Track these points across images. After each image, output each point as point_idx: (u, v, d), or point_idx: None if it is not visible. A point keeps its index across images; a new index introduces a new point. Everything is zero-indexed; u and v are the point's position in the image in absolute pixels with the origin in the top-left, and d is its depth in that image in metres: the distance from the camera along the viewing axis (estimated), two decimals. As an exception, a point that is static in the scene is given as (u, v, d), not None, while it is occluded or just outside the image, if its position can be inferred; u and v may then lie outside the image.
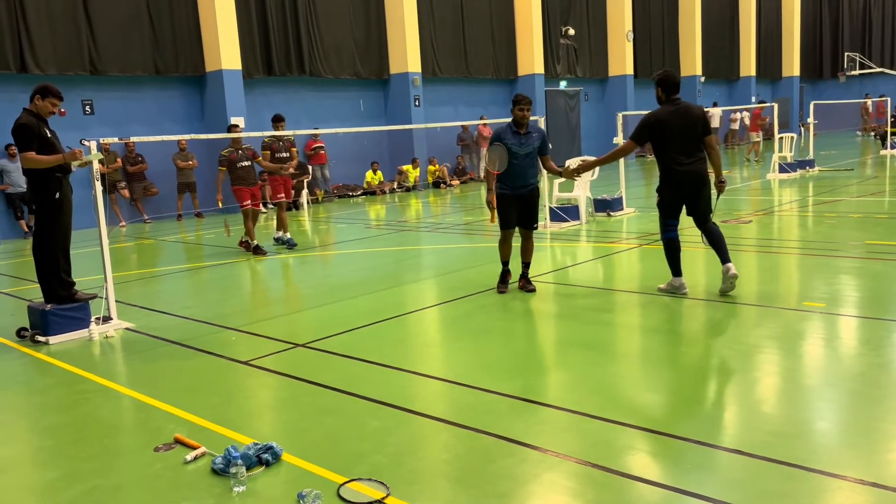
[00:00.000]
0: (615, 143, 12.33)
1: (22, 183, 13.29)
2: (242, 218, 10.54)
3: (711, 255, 6.43)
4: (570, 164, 12.10)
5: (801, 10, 36.67)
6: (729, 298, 6.24)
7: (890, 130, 21.71)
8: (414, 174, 19.85)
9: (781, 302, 6.08)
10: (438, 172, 20.40)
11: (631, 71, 27.08)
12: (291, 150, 11.05)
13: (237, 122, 16.23)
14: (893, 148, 21.24)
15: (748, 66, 33.67)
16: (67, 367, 5.53)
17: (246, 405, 4.70)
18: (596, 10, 26.35)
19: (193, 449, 3.77)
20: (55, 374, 5.44)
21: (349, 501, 3.19)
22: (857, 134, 32.28)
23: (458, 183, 20.61)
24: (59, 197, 6.31)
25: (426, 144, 20.57)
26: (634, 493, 3.17)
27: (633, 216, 11.89)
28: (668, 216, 6.47)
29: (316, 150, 18.12)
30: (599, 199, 12.24)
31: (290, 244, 10.77)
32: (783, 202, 12.85)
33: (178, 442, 3.91)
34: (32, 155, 6.16)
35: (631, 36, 26.83)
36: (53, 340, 6.19)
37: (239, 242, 10.73)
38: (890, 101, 24.09)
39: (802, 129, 26.09)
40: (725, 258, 6.28)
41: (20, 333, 6.43)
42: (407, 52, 19.76)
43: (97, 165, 6.43)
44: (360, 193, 19.17)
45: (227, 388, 4.95)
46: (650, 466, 3.42)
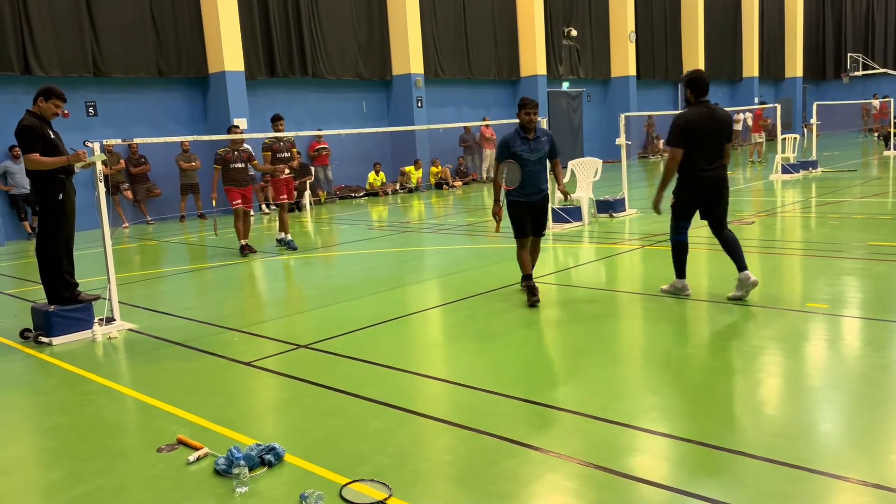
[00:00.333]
0: (617, 143, 12.33)
1: (25, 184, 13.31)
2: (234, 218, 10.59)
3: (712, 256, 6.43)
4: (572, 164, 12.17)
5: (803, 10, 36.59)
6: (731, 300, 6.23)
7: (893, 132, 21.64)
8: (416, 175, 19.86)
9: (784, 303, 6.07)
10: (441, 174, 20.41)
11: (633, 72, 27.05)
12: (292, 150, 11.05)
13: (240, 123, 16.28)
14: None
15: (751, 66, 33.61)
16: (70, 367, 5.54)
17: (248, 406, 4.71)
18: (598, 10, 26.33)
19: (196, 450, 3.78)
20: (58, 374, 5.45)
21: (351, 502, 3.20)
22: (862, 135, 32.20)
23: (460, 184, 20.62)
24: (62, 198, 6.32)
25: (428, 146, 20.58)
26: (636, 494, 3.17)
27: (635, 217, 11.88)
28: (681, 219, 6.35)
29: (319, 151, 18.14)
30: (602, 200, 12.24)
31: (290, 246, 10.76)
32: (786, 203, 12.83)
33: (180, 443, 3.92)
34: (36, 156, 6.17)
35: (633, 37, 26.82)
36: (57, 341, 6.20)
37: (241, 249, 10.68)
38: (893, 101, 24.02)
39: (805, 129, 26.06)
40: (742, 265, 6.15)
41: (24, 334, 6.44)
42: (409, 53, 19.77)
43: (100, 167, 6.44)
44: (362, 195, 19.18)
45: (229, 388, 4.96)
46: (652, 467, 3.42)
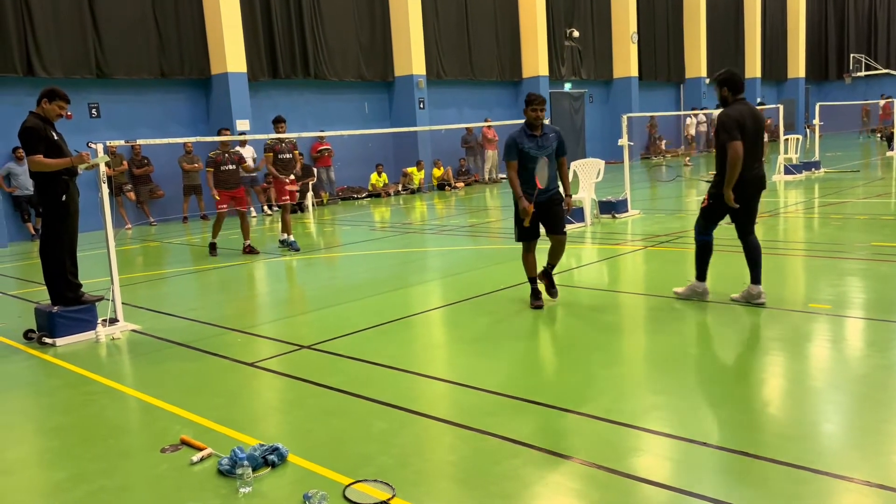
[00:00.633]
0: (620, 144, 12.32)
1: (29, 186, 13.34)
2: (228, 218, 10.96)
3: (714, 256, 6.38)
4: (574, 165, 12.15)
5: (806, 11, 36.56)
6: (733, 301, 6.23)
7: None
8: (418, 176, 19.87)
9: (787, 304, 6.06)
10: (443, 175, 20.41)
11: (636, 73, 27.05)
12: (294, 152, 11.07)
13: (242, 124, 16.34)
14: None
15: (753, 67, 33.57)
16: (74, 368, 5.55)
17: (251, 406, 4.71)
18: (600, 11, 26.34)
19: (199, 450, 3.79)
20: (62, 375, 5.46)
21: (355, 502, 3.20)
22: (862, 136, 32.15)
23: (462, 185, 20.61)
24: (65, 199, 6.33)
25: (430, 147, 20.59)
26: (640, 494, 3.17)
27: (637, 218, 11.88)
28: (712, 220, 6.16)
29: (322, 152, 18.15)
30: (604, 200, 12.23)
31: (293, 247, 10.77)
32: (789, 204, 12.82)
33: (184, 443, 3.93)
34: (40, 158, 6.18)
35: (636, 38, 26.82)
36: (60, 342, 6.21)
37: (244, 250, 10.73)
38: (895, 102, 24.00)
39: (808, 130, 26.01)
40: (757, 279, 6.03)
41: (27, 335, 6.45)
42: (411, 54, 19.79)
43: (104, 168, 6.45)
44: (364, 196, 19.19)
45: (232, 389, 4.96)
46: (655, 468, 3.42)
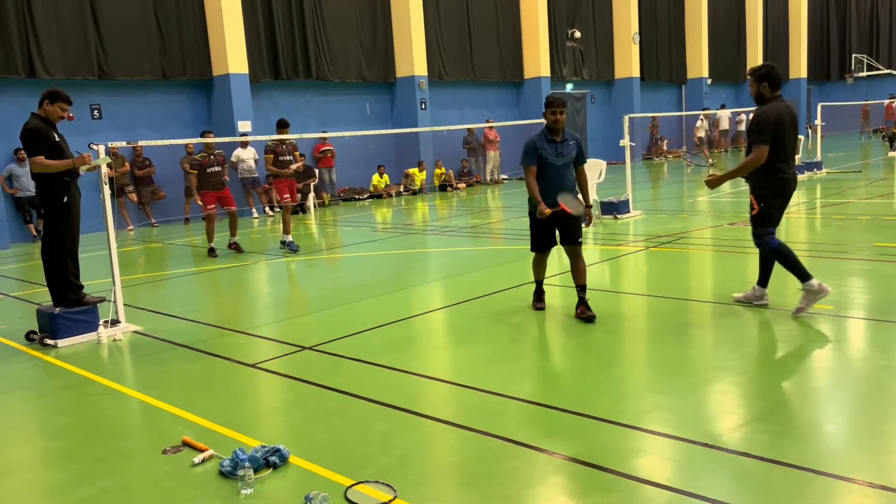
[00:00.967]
0: (622, 145, 12.31)
1: (31, 187, 13.35)
2: (222, 221, 11.10)
3: (716, 256, 6.39)
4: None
5: (808, 11, 36.51)
6: (735, 301, 6.22)
7: None
8: (420, 177, 19.87)
9: (790, 304, 6.05)
10: (445, 176, 20.42)
11: (637, 73, 27.04)
12: (295, 153, 11.09)
13: (244, 125, 16.35)
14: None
15: (755, 67, 33.50)
16: (76, 369, 5.56)
17: (253, 408, 4.71)
18: (602, 12, 26.33)
19: (201, 451, 3.79)
20: (63, 376, 5.46)
21: (356, 504, 3.20)
22: (862, 136, 32.10)
23: (464, 186, 20.61)
24: (67, 201, 6.33)
25: (432, 147, 20.59)
26: (642, 495, 3.16)
27: (639, 219, 11.87)
28: (772, 224, 6.06)
29: (324, 153, 18.16)
30: (606, 201, 12.22)
31: (291, 247, 10.76)
32: (791, 204, 12.77)
33: (185, 444, 3.93)
34: (42, 159, 6.18)
35: (637, 38, 26.81)
36: (62, 343, 6.21)
37: (228, 245, 11.02)
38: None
39: (810, 130, 25.98)
40: (765, 281, 6.06)
41: (29, 336, 6.46)
42: (413, 55, 19.79)
43: (105, 169, 6.46)
44: (366, 197, 19.19)
45: (234, 390, 4.96)
46: (657, 469, 3.41)
